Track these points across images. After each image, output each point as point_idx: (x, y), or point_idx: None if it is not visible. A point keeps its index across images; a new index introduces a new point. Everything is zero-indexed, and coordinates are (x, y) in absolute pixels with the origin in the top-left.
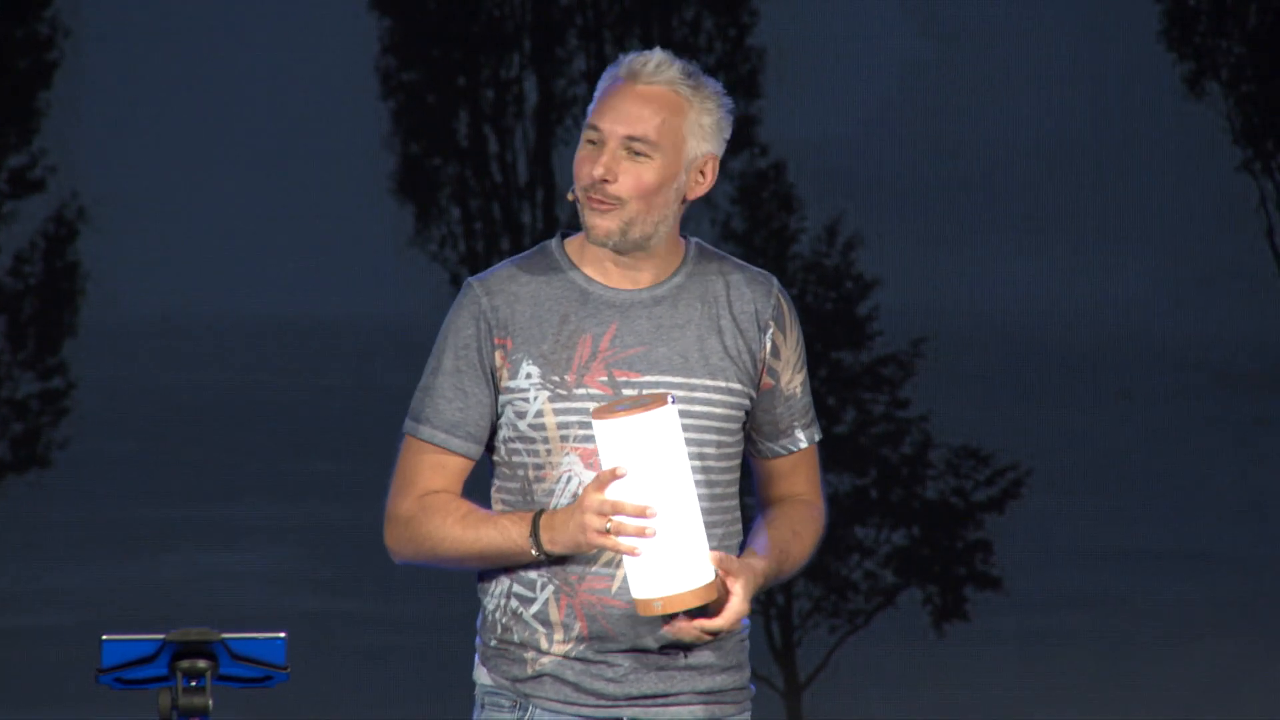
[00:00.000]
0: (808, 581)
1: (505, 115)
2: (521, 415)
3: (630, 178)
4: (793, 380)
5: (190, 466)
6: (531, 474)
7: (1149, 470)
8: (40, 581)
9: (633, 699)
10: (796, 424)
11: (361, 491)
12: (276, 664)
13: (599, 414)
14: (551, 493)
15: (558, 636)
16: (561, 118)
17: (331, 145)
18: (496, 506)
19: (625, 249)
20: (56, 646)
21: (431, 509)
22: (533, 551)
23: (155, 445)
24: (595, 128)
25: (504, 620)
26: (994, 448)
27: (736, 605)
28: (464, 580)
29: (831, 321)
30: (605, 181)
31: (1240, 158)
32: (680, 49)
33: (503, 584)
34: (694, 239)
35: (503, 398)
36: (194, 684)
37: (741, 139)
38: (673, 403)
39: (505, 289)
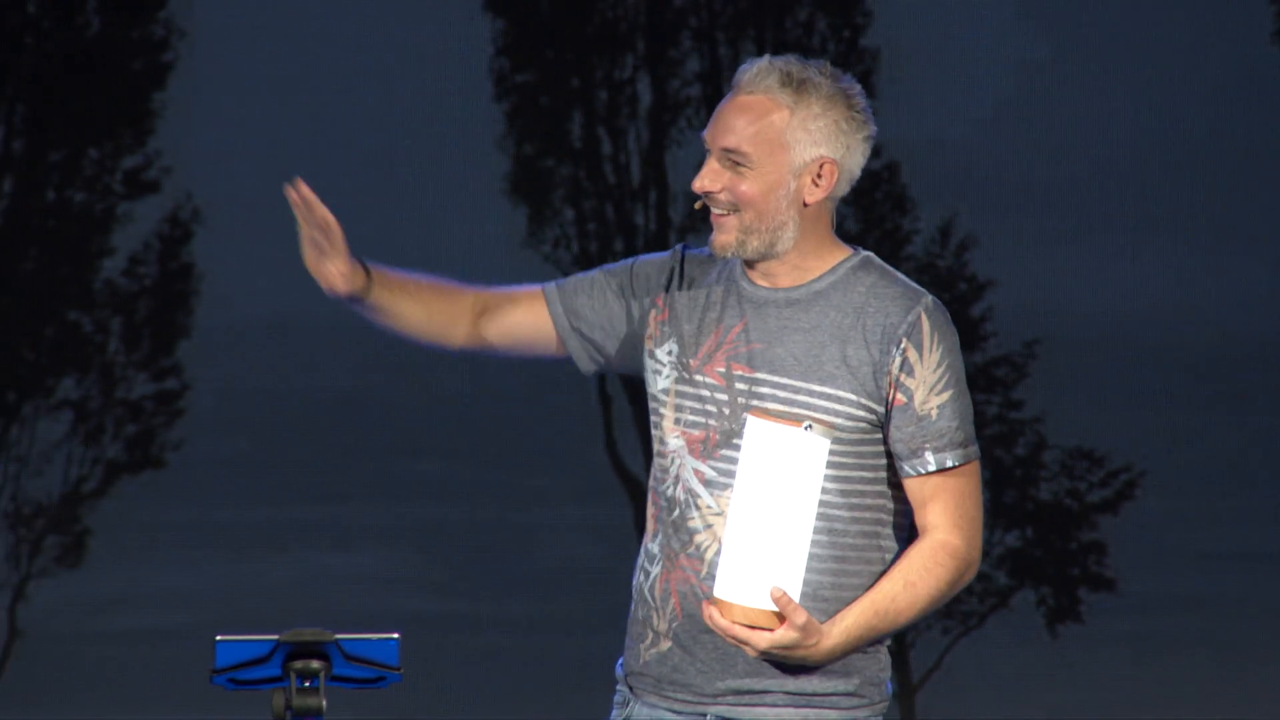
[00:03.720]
0: None
1: (619, 117)
2: (654, 384)
3: (730, 189)
4: (929, 401)
5: (303, 467)
6: (657, 445)
7: (1263, 471)
8: (154, 582)
9: (720, 695)
10: (928, 446)
11: (473, 492)
12: (389, 665)
13: (755, 413)
14: (666, 470)
15: (659, 616)
16: (675, 119)
17: (445, 147)
18: (654, 470)
19: (750, 258)
20: (170, 647)
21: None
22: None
23: (268, 446)
24: (705, 139)
25: (635, 592)
26: (1108, 449)
27: (777, 636)
28: (573, 581)
29: None
30: (709, 193)
31: None
32: (793, 50)
33: (642, 553)
34: (866, 252)
35: (650, 363)
36: (307, 685)
37: None
38: (807, 428)
39: (692, 269)
